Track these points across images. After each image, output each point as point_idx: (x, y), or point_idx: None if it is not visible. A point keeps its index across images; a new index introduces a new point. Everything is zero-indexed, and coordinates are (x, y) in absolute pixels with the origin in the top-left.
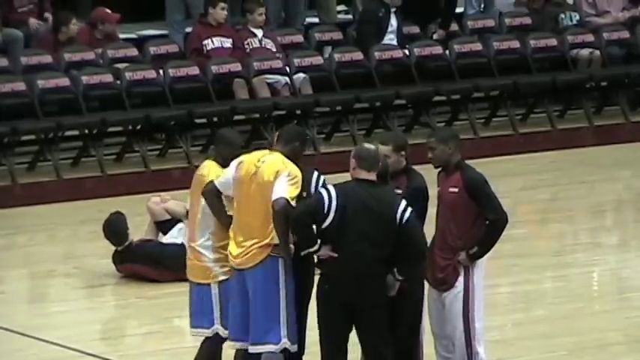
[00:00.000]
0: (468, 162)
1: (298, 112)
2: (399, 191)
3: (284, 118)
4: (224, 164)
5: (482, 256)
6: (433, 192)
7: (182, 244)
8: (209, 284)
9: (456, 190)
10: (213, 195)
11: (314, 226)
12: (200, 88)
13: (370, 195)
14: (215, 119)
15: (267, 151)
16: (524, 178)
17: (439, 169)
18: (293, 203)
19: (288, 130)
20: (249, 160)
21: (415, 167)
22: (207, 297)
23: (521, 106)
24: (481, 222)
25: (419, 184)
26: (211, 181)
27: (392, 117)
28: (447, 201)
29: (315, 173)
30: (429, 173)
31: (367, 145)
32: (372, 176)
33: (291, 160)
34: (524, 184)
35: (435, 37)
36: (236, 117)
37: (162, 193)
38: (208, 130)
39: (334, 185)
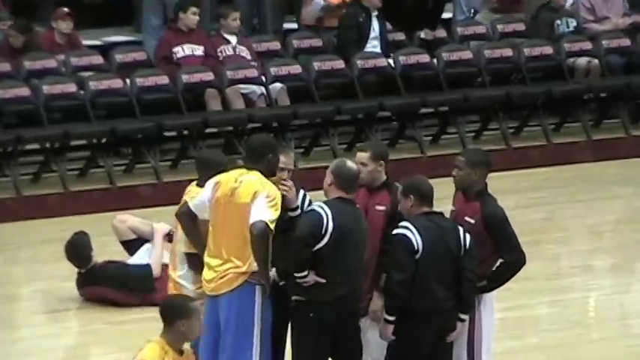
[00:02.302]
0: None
1: (275, 124)
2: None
3: (259, 130)
4: None
5: (489, 291)
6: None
7: (148, 265)
8: None
9: (473, 221)
10: (187, 218)
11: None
12: (169, 99)
13: (354, 216)
14: (185, 132)
15: (244, 170)
16: (517, 196)
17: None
18: (272, 226)
19: (255, 144)
20: (225, 180)
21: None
22: None
23: (515, 119)
24: (495, 258)
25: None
26: (185, 203)
27: (375, 130)
28: (465, 228)
29: (302, 192)
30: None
31: (350, 164)
32: (351, 196)
33: (268, 175)
34: (517, 202)
35: (422, 35)
36: (208, 130)
37: (128, 213)
38: (178, 144)
39: (326, 203)
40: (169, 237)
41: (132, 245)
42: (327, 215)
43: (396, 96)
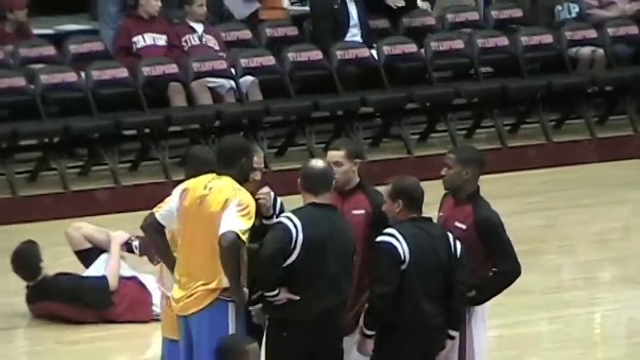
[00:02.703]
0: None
1: (245, 122)
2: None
3: (228, 129)
4: None
5: (479, 303)
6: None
7: (104, 277)
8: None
9: (464, 227)
10: (153, 230)
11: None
12: (129, 94)
13: (332, 222)
14: (146, 131)
15: (214, 176)
16: (514, 201)
17: (447, 191)
18: (244, 238)
19: (226, 147)
20: (194, 186)
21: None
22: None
23: (511, 116)
24: (488, 267)
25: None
26: (151, 213)
27: (357, 128)
28: (456, 234)
29: (271, 195)
30: None
31: (313, 162)
32: (324, 199)
33: (241, 181)
34: (514, 207)
35: (419, 3)
36: (171, 128)
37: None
38: (138, 144)
39: (295, 212)
40: (127, 246)
41: (87, 256)
42: (295, 227)
43: (379, 90)
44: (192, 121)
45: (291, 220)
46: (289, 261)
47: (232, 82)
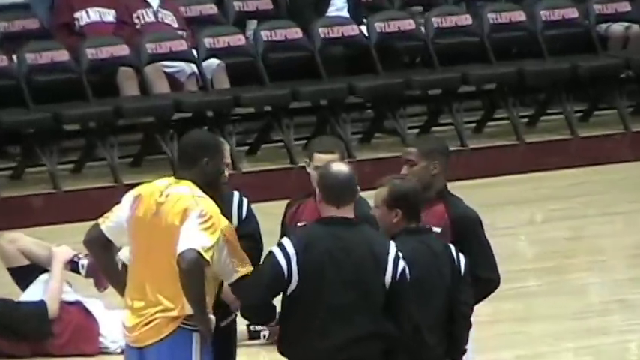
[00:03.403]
0: (450, 186)
1: (210, 114)
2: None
3: (190, 122)
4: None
5: None
6: None
7: (42, 302)
8: None
9: (438, 230)
10: (98, 245)
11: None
12: (70, 82)
13: (343, 244)
14: (92, 125)
15: (173, 180)
16: (534, 208)
17: None
18: (208, 256)
19: (186, 144)
20: (148, 193)
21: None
22: None
23: (529, 105)
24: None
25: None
26: (96, 225)
27: (344, 121)
28: None
29: (236, 196)
30: None
31: (335, 168)
32: (345, 212)
33: (206, 188)
34: (533, 216)
35: None
36: (122, 122)
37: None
38: (82, 141)
39: (291, 235)
40: (72, 264)
41: (24, 275)
42: (286, 257)
43: (370, 75)
44: (146, 114)
45: (283, 249)
46: (289, 291)
47: (194, 67)
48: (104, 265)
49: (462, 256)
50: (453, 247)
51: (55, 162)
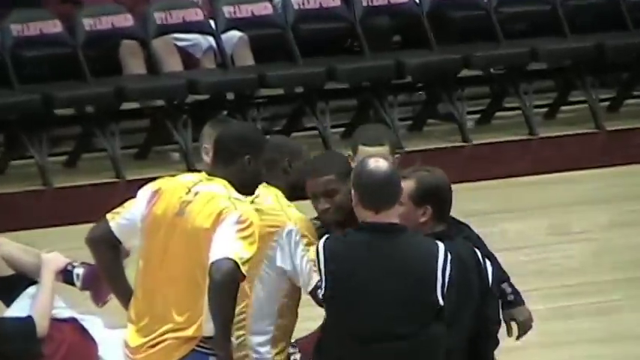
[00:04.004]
0: (516, 182)
1: (230, 96)
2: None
3: (206, 106)
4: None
5: None
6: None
7: (30, 318)
8: None
9: None
10: (105, 245)
11: None
12: (64, 57)
13: (380, 255)
14: (89, 110)
15: (204, 176)
16: (615, 208)
17: None
18: (244, 269)
19: (230, 135)
20: (172, 188)
21: None
22: None
23: (610, 86)
24: None
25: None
26: (104, 221)
27: (390, 105)
28: None
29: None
30: None
31: (372, 164)
32: (387, 217)
33: (242, 189)
34: (613, 217)
35: None
36: (124, 106)
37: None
38: (78, 129)
39: (326, 241)
40: (65, 275)
41: (8, 286)
42: (318, 257)
43: (422, 50)
44: (154, 96)
45: (317, 251)
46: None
47: (211, 40)
48: (109, 271)
49: (488, 264)
50: (479, 253)
51: (45, 153)
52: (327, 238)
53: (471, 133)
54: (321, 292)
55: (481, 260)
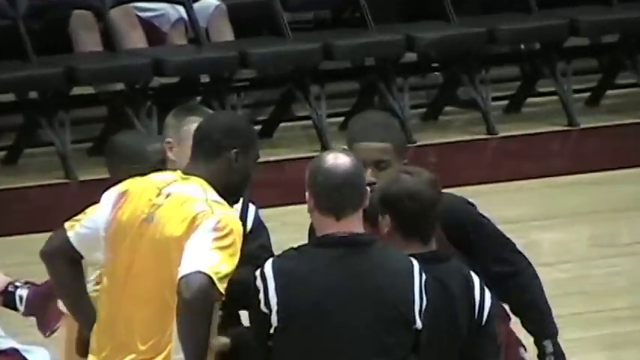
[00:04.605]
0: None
1: (205, 78)
2: None
3: (175, 91)
4: None
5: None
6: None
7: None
8: None
9: None
10: (63, 259)
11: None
12: (2, 32)
13: (351, 279)
14: (33, 95)
15: (178, 175)
16: None
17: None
18: (222, 287)
19: (214, 126)
20: (139, 190)
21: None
22: None
23: None
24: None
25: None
26: (61, 230)
27: (399, 89)
28: None
29: (252, 210)
30: None
31: (331, 159)
32: (351, 225)
33: (225, 191)
34: None
35: None
36: (76, 90)
37: None
38: (19, 118)
39: (278, 258)
40: (7, 297)
41: None
42: (265, 284)
43: (438, 23)
44: (112, 78)
45: (263, 275)
46: (271, 330)
47: (182, 10)
48: (67, 290)
49: (487, 296)
50: (477, 283)
51: None
52: (276, 258)
53: (497, 123)
54: (267, 327)
55: (476, 288)
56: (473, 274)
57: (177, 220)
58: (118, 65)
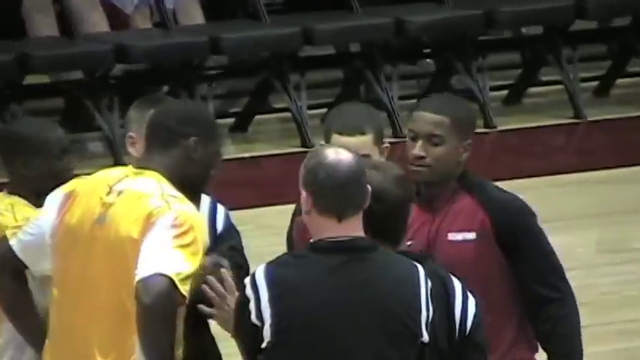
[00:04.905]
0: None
1: (173, 66)
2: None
3: (140, 80)
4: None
5: None
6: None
7: None
8: None
9: (472, 235)
10: (5, 271)
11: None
12: None
13: (354, 289)
14: None
15: (129, 170)
16: None
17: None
18: (184, 289)
19: (169, 113)
20: (88, 189)
21: None
22: None
23: None
24: (517, 312)
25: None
26: (2, 239)
27: (387, 77)
28: (452, 262)
29: (205, 202)
30: None
31: (331, 154)
32: (352, 228)
33: (182, 185)
34: None
35: None
36: (30, 79)
37: None
38: None
39: (271, 266)
40: None
41: None
42: (256, 294)
43: (430, 4)
44: (69, 66)
45: (254, 283)
46: (263, 344)
47: None
48: (12, 305)
49: (471, 303)
50: (458, 287)
51: None
52: (269, 264)
53: (496, 115)
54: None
55: (456, 294)
56: (453, 277)
57: (132, 218)
58: (77, 52)
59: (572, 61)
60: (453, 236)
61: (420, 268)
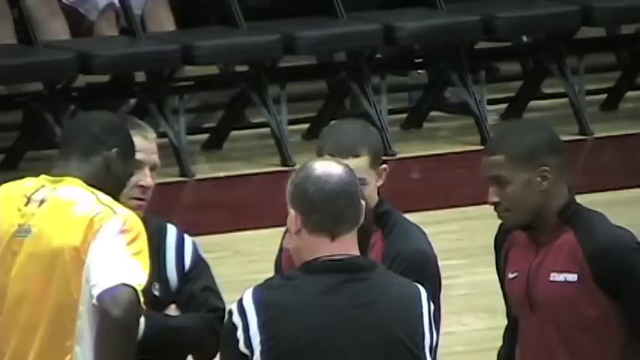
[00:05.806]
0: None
1: (141, 77)
2: None
3: (104, 92)
4: None
5: None
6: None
7: None
8: None
9: (574, 277)
10: None
11: None
12: None
13: (352, 312)
14: None
15: (43, 179)
16: None
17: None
18: (143, 301)
19: (90, 121)
20: (6, 201)
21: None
22: None
23: None
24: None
25: (418, 246)
26: None
27: (375, 90)
28: (553, 304)
29: (171, 233)
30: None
31: (321, 167)
32: (346, 246)
33: (99, 188)
34: None
35: None
36: None
37: None
38: None
39: (260, 290)
40: None
41: None
42: (244, 320)
43: (421, 10)
44: (27, 77)
45: (242, 312)
46: None
47: None
48: None
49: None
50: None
51: None
52: (257, 287)
53: (494, 131)
54: None
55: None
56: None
57: (66, 227)
58: (36, 61)
59: (578, 71)
60: (554, 277)
61: (422, 288)
